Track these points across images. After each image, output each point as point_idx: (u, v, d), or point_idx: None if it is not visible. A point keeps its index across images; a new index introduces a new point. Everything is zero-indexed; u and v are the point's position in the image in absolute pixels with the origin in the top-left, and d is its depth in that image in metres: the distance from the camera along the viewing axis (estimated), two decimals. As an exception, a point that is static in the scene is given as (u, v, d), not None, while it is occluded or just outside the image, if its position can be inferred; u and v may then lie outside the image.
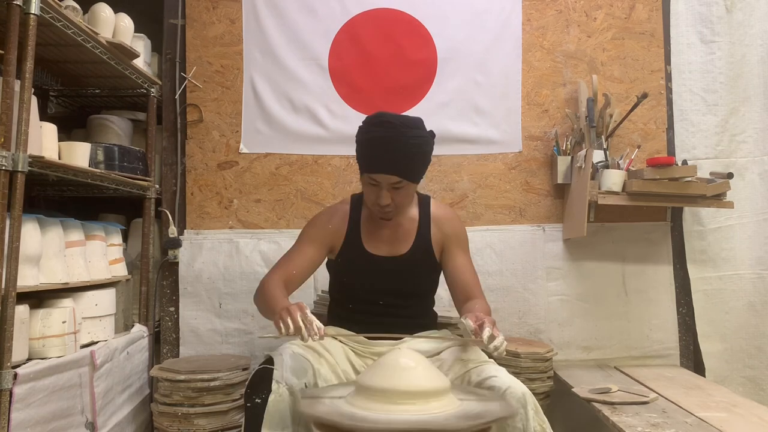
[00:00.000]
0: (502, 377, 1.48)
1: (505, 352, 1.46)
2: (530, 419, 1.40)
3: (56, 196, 2.51)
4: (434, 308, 1.93)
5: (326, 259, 1.86)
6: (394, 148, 1.60)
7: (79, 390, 1.80)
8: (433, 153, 2.48)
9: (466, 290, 1.75)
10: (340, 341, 1.72)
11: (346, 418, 1.18)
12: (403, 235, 1.78)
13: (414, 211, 1.81)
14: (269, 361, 1.54)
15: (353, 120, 2.53)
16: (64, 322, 1.75)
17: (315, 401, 1.30)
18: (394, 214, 1.73)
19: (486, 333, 1.43)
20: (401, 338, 1.69)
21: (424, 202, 1.84)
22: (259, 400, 1.45)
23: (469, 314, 1.56)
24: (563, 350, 2.48)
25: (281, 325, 1.43)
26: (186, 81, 2.52)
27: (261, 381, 1.48)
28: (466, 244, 1.83)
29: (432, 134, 1.70)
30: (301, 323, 1.41)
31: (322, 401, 1.29)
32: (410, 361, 1.27)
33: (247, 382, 1.52)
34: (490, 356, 1.61)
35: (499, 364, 2.18)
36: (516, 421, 1.39)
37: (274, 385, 1.45)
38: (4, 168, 1.51)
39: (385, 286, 1.75)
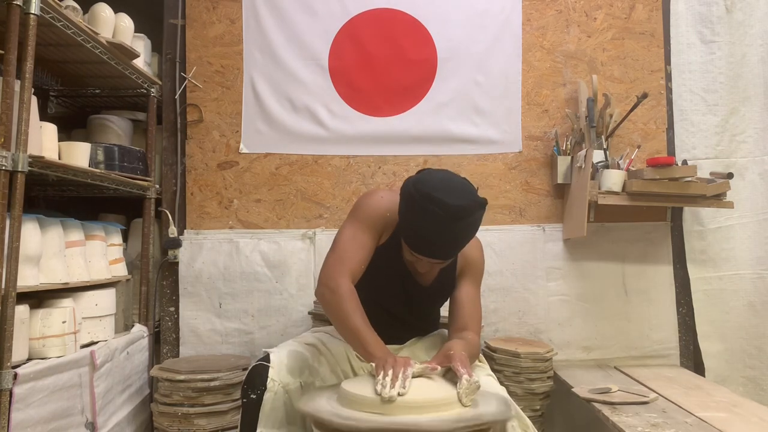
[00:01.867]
0: (482, 383, 1.48)
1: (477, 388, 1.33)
2: (509, 429, 1.40)
3: (56, 196, 2.51)
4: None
5: None
6: (441, 240, 1.45)
7: (79, 390, 1.80)
8: (433, 153, 2.55)
9: (464, 321, 1.64)
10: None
11: (343, 418, 1.19)
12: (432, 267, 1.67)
13: None
14: (267, 357, 1.55)
15: (353, 120, 2.54)
16: (64, 322, 1.76)
17: (315, 402, 1.31)
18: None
19: (465, 388, 1.31)
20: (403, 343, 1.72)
21: None
22: (254, 396, 1.46)
23: (450, 347, 1.44)
24: (563, 350, 2.48)
25: (382, 373, 1.29)
26: (186, 81, 2.52)
27: (257, 377, 1.49)
28: (479, 275, 1.74)
29: (483, 204, 1.47)
30: (399, 379, 1.27)
31: (320, 402, 1.30)
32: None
33: (244, 378, 1.52)
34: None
35: (499, 365, 2.21)
36: (496, 429, 1.40)
37: (269, 383, 1.46)
38: (4, 168, 1.51)
39: (401, 302, 1.70)
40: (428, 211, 1.41)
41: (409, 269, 1.65)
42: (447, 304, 2.17)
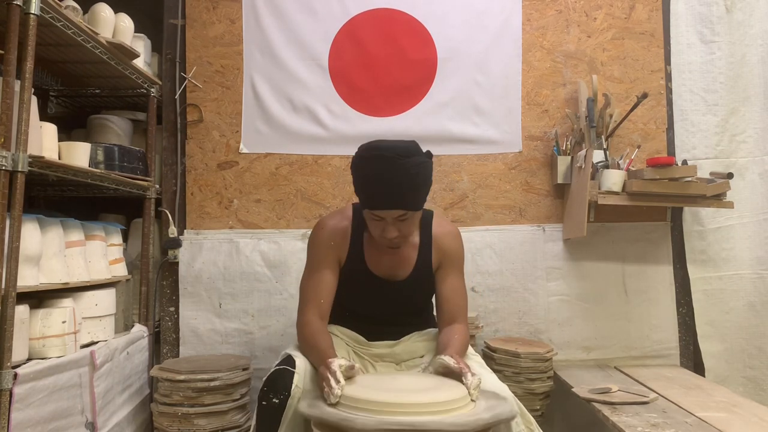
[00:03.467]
0: (486, 381, 1.49)
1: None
2: (513, 426, 1.41)
3: (56, 196, 2.51)
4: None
5: None
6: (393, 182, 1.50)
7: (79, 390, 1.80)
8: (433, 153, 2.53)
9: (451, 313, 1.69)
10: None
11: (343, 418, 1.19)
12: (404, 259, 1.72)
13: (415, 235, 1.72)
14: (288, 361, 1.53)
15: (353, 120, 2.54)
16: (64, 322, 1.75)
17: (314, 402, 1.31)
18: (402, 244, 1.66)
19: (472, 383, 1.34)
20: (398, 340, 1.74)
21: (425, 221, 1.75)
22: (276, 401, 1.43)
23: (446, 353, 1.47)
24: (563, 350, 2.48)
25: (324, 385, 1.34)
26: (186, 81, 2.52)
27: (280, 381, 1.46)
28: (460, 263, 1.77)
29: (429, 155, 1.60)
30: (332, 379, 1.31)
31: (320, 403, 1.30)
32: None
33: (264, 380, 1.50)
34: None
35: (499, 365, 2.21)
36: (500, 427, 1.40)
37: (294, 390, 1.44)
38: (4, 168, 1.51)
39: (384, 306, 1.74)
40: (369, 158, 1.53)
41: (378, 275, 1.69)
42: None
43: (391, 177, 1.49)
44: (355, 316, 1.77)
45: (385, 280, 1.71)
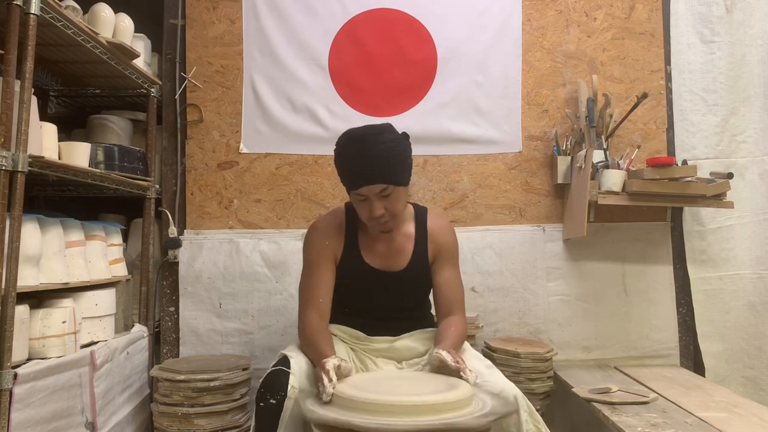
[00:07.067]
0: (495, 380, 1.49)
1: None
2: (523, 423, 1.41)
3: (56, 196, 2.50)
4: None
5: None
6: (367, 158, 1.58)
7: (79, 390, 1.80)
8: (433, 153, 2.55)
9: (449, 305, 1.75)
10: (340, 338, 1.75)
11: (345, 420, 1.20)
12: (400, 250, 1.76)
13: (410, 227, 1.79)
14: (284, 361, 1.54)
15: (353, 120, 2.54)
16: (64, 322, 1.75)
17: (315, 403, 1.32)
18: (392, 225, 1.70)
19: (470, 379, 1.42)
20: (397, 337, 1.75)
21: (420, 216, 1.81)
22: (273, 401, 1.44)
23: (441, 346, 1.55)
24: (563, 350, 2.48)
25: (319, 385, 1.40)
26: (186, 81, 2.52)
27: (276, 382, 1.47)
28: (455, 256, 1.82)
29: (405, 136, 1.67)
30: (325, 378, 1.38)
31: (323, 405, 1.31)
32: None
33: (261, 381, 1.51)
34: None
35: (499, 365, 2.21)
36: (510, 424, 1.41)
37: (290, 390, 1.45)
38: (4, 168, 1.51)
39: (383, 299, 1.76)
40: (343, 144, 1.64)
41: (375, 267, 1.73)
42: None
43: (366, 153, 1.58)
44: (355, 312, 1.78)
45: (382, 271, 1.74)
